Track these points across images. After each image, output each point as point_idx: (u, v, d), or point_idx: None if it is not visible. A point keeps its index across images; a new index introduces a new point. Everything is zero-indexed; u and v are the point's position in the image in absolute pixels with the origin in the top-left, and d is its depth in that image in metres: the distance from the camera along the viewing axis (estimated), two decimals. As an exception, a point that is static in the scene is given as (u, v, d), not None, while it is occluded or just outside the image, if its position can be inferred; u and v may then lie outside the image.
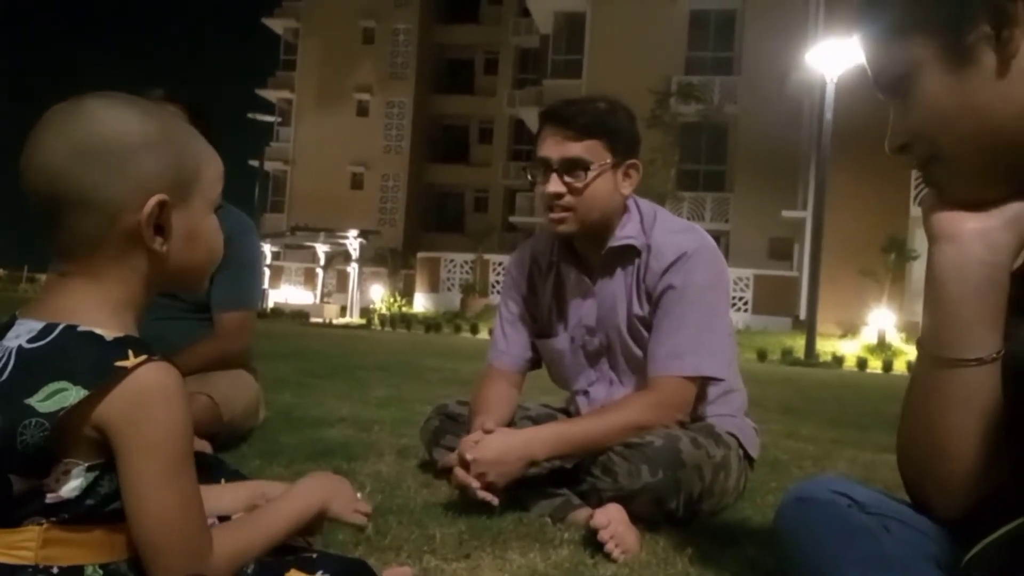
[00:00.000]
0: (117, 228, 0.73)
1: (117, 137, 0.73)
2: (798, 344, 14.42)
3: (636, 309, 1.67)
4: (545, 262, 1.79)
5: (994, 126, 0.68)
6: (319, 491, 0.89)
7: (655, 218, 1.69)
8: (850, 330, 16.68)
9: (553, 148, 1.60)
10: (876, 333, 16.01)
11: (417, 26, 33.97)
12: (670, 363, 1.59)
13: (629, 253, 1.67)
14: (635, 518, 1.42)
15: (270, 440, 2.20)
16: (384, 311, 20.99)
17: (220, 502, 0.92)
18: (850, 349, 15.25)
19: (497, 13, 34.61)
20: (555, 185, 1.59)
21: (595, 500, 1.49)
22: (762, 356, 13.32)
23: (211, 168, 0.80)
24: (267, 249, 24.36)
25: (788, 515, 0.95)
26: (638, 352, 1.67)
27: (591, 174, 1.58)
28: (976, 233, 0.73)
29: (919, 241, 17.67)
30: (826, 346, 14.91)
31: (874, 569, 0.79)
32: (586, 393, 1.76)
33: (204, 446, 1.78)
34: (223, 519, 0.89)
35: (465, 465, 1.46)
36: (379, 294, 23.80)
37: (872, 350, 15.18)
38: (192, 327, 2.09)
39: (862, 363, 13.72)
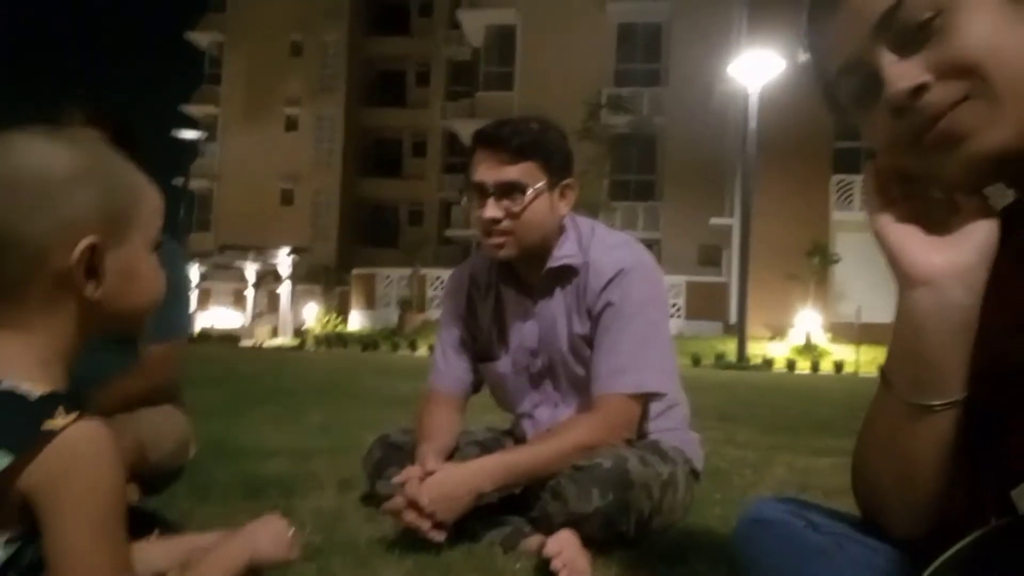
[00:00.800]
0: (45, 271, 0.67)
1: (43, 173, 0.67)
2: (730, 348, 14.82)
3: (577, 328, 1.66)
4: (484, 283, 1.76)
5: None
6: (242, 545, 0.85)
7: (592, 235, 1.68)
8: (778, 332, 17.26)
9: (488, 172, 1.57)
10: (803, 334, 16.61)
11: (347, 38, 33.63)
12: (613, 381, 1.58)
13: (568, 272, 1.66)
14: (587, 542, 1.41)
15: (202, 477, 2.09)
16: (318, 331, 20.57)
17: (153, 560, 0.86)
18: (779, 351, 15.78)
19: (428, 25, 34.62)
20: (492, 210, 1.56)
21: (546, 526, 1.47)
22: (696, 361, 13.63)
23: (148, 202, 0.75)
24: (194, 271, 23.62)
25: (744, 537, 0.94)
26: (581, 372, 1.66)
27: (528, 197, 1.56)
28: (953, 276, 0.68)
29: (839, 245, 18.47)
30: (756, 349, 15.38)
31: (831, 592, 0.78)
32: (531, 416, 1.74)
33: (131, 491, 1.67)
34: None
35: (413, 506, 1.42)
36: (313, 313, 23.32)
37: (800, 351, 15.74)
38: (115, 359, 1.97)
39: (791, 364, 14.21)
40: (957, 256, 0.69)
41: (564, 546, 1.33)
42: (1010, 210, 0.77)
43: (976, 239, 0.69)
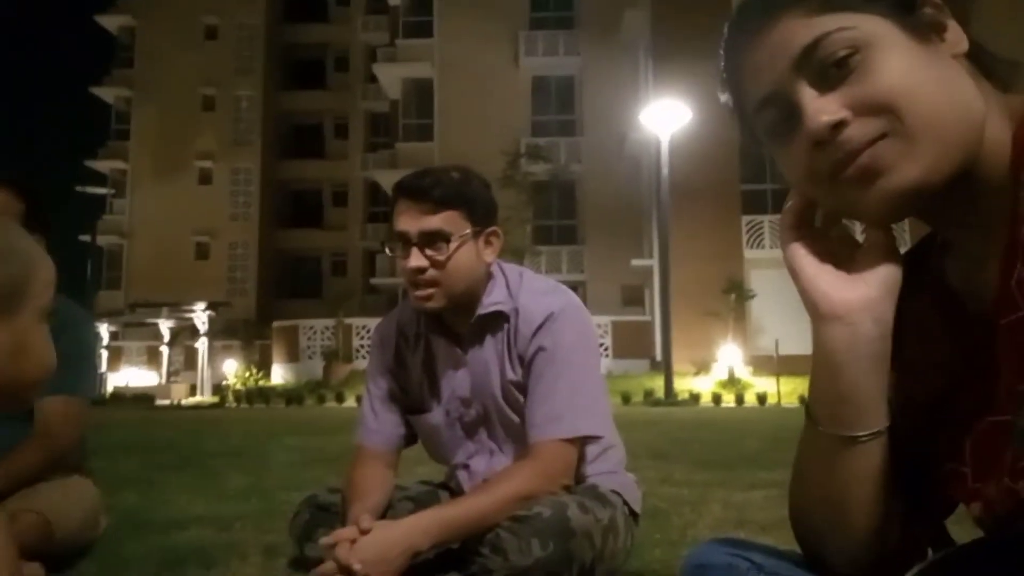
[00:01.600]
0: None
1: None
2: (658, 384, 15.06)
3: (509, 374, 1.63)
4: (412, 333, 1.73)
5: (958, 104, 0.65)
6: None
7: (521, 281, 1.68)
8: (702, 367, 17.70)
9: (411, 222, 1.55)
10: (726, 368, 17.08)
11: (261, 93, 33.34)
12: (548, 427, 1.56)
13: (498, 319, 1.64)
14: (529, 596, 1.36)
15: (113, 552, 1.94)
16: (239, 386, 19.80)
17: None
18: (704, 385, 16.14)
19: (344, 79, 34.73)
20: (416, 259, 1.54)
21: (485, 581, 1.41)
22: (626, 399, 13.78)
23: (41, 272, 0.70)
24: (104, 330, 22.45)
25: (689, 585, 0.92)
26: (515, 419, 1.63)
27: (452, 245, 1.55)
28: (863, 310, 0.70)
29: (754, 281, 19.26)
30: (683, 384, 15.69)
31: (781, 634, 0.77)
32: (466, 467, 1.69)
33: (35, 570, 1.52)
34: None
35: (344, 571, 1.34)
36: (232, 368, 22.45)
37: (724, 385, 16.16)
38: (12, 433, 1.82)
39: (717, 398, 14.54)
40: (866, 291, 0.70)
41: (506, 602, 1.28)
42: (925, 245, 0.80)
43: (882, 274, 0.71)
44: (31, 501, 1.68)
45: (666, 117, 15.61)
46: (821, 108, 0.65)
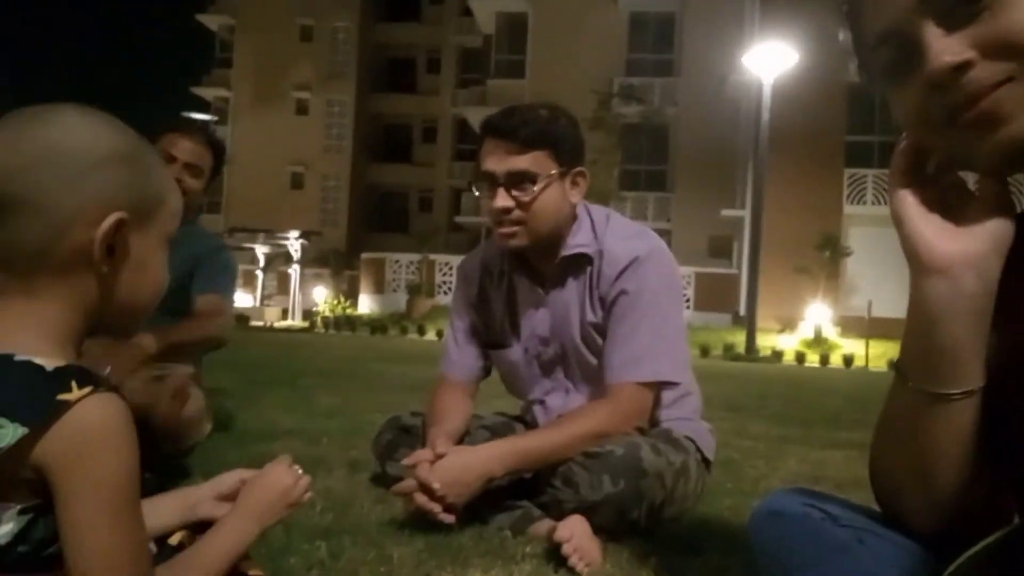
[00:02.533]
0: (66, 242, 0.67)
1: (85, 145, 0.68)
2: (739, 339, 14.77)
3: (590, 316, 1.65)
4: (496, 271, 1.76)
5: None
6: (250, 514, 0.86)
7: (607, 223, 1.67)
8: (788, 325, 17.19)
9: (497, 162, 1.55)
10: (813, 328, 16.54)
11: (357, 25, 33.49)
12: (627, 370, 1.57)
13: (581, 261, 1.64)
14: (597, 529, 1.40)
15: (213, 458, 2.10)
16: (328, 313, 20.62)
17: (151, 520, 0.86)
18: (788, 344, 15.71)
19: (439, 12, 34.42)
20: (502, 200, 1.55)
21: (556, 511, 1.47)
22: (704, 352, 13.60)
23: (173, 200, 0.76)
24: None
25: (761, 529, 0.93)
26: (592, 360, 1.65)
27: (539, 186, 1.55)
28: (968, 265, 0.67)
29: (852, 239, 18.36)
30: (765, 341, 15.32)
31: (851, 584, 0.77)
32: (542, 403, 1.73)
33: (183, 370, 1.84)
34: (159, 542, 0.84)
35: (424, 489, 1.42)
36: (322, 296, 23.38)
37: (809, 344, 15.68)
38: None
39: (800, 357, 14.16)
40: (972, 244, 0.67)
41: (575, 532, 1.33)
42: None
43: (991, 228, 0.68)
44: (176, 370, 1.91)
45: (771, 59, 14.82)
46: (945, 48, 0.62)
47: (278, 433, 2.60)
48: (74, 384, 0.63)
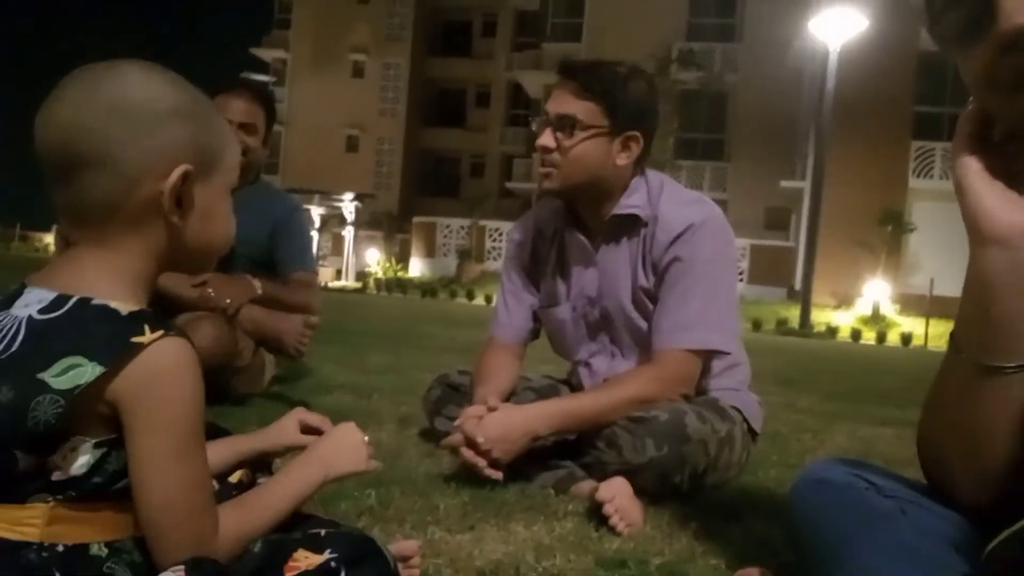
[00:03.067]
0: (136, 195, 0.70)
1: (150, 100, 0.71)
2: (792, 314, 14.48)
3: (642, 280, 1.64)
4: (550, 230, 1.76)
5: None
6: (319, 461, 0.88)
7: (662, 189, 1.66)
8: (844, 301, 16.75)
9: (554, 101, 1.58)
10: (870, 305, 16.09)
11: (414, -14, 33.32)
12: (676, 336, 1.57)
13: (634, 223, 1.64)
14: (639, 492, 1.42)
15: (269, 408, 2.19)
16: (380, 275, 20.96)
17: (214, 459, 0.91)
18: (844, 320, 15.35)
19: (497, -26, 33.94)
20: (545, 138, 1.57)
21: (599, 473, 1.49)
22: (756, 326, 13.39)
23: (232, 152, 0.79)
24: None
25: (804, 496, 0.93)
26: (642, 324, 1.65)
27: (580, 135, 1.55)
28: None
29: (916, 214, 17.69)
30: (820, 317, 14.99)
31: (894, 553, 0.77)
32: (588, 365, 1.75)
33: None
34: (220, 479, 0.88)
35: (470, 444, 1.45)
36: (375, 258, 23.74)
37: (866, 321, 15.28)
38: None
39: (856, 334, 13.83)
40: None
41: (617, 493, 1.35)
42: None
43: None
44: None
45: (838, 25, 14.23)
46: (1019, 7, 0.60)
47: (331, 387, 2.69)
48: (147, 327, 0.67)
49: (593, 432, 1.52)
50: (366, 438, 0.94)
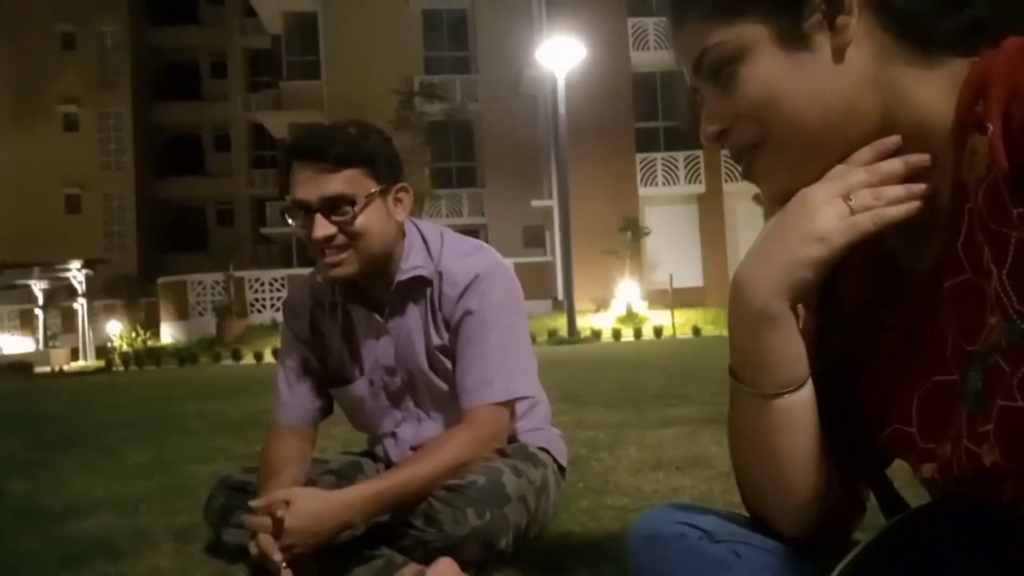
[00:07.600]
0: None
1: None
2: (560, 323, 15.40)
3: (435, 340, 1.58)
4: (328, 301, 1.63)
5: (823, 111, 0.67)
6: None
7: (442, 242, 1.61)
8: (602, 304, 18.23)
9: (309, 188, 1.43)
10: (624, 304, 17.66)
11: (127, 29, 30.67)
12: (483, 391, 1.52)
13: (420, 284, 1.57)
14: (464, 565, 1.34)
15: (6, 549, 1.78)
16: (125, 348, 18.75)
17: None
18: (605, 322, 16.65)
19: (219, 13, 32.43)
20: (322, 228, 1.43)
21: (420, 553, 1.38)
22: (532, 339, 14.00)
23: None
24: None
25: (639, 556, 0.91)
26: (442, 385, 1.59)
27: (358, 207, 1.45)
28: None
29: (649, 219, 19.84)
30: (584, 321, 16.12)
31: (734, 602, 0.77)
32: (393, 435, 1.64)
33: None
34: None
35: (276, 524, 1.27)
36: (117, 329, 21.19)
37: (623, 320, 16.74)
38: None
39: (616, 333, 15.05)
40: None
41: (446, 576, 1.26)
42: None
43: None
44: None
45: (561, 54, 15.49)
46: (710, 115, 0.71)
47: (85, 507, 2.26)
48: None
49: (407, 509, 1.41)
50: None
